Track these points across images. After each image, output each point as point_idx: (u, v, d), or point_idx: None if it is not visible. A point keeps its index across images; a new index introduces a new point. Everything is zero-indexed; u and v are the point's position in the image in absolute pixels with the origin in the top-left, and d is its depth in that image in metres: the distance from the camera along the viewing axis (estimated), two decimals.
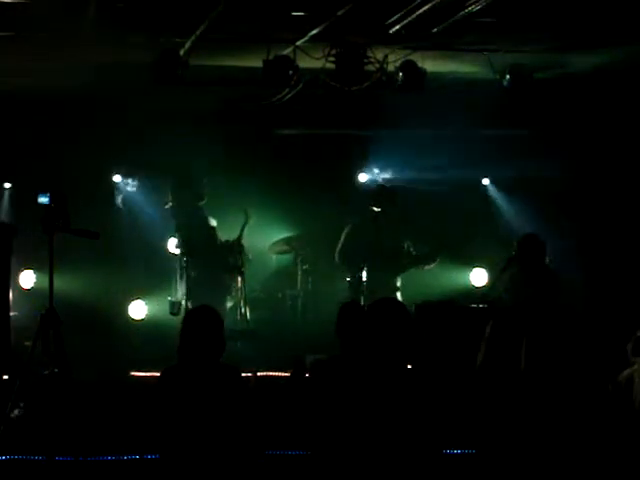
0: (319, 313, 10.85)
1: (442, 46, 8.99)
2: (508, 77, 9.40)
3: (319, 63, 8.96)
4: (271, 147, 11.27)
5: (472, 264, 11.41)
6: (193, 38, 8.59)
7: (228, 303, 10.62)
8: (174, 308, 10.10)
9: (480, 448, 6.67)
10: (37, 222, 6.77)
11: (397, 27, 8.30)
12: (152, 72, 8.97)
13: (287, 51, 8.96)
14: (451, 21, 8.07)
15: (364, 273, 9.94)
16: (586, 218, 11.33)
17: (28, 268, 10.37)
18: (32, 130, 10.69)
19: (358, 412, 5.26)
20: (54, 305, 6.75)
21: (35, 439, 7.43)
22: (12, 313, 8.69)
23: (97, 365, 9.31)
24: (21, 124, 10.68)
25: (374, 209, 10.29)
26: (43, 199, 6.72)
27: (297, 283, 11.37)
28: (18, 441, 7.35)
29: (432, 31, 8.34)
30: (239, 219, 10.42)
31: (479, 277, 11.28)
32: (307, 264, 11.35)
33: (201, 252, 9.99)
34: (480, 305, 8.96)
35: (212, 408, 5.74)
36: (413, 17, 7.99)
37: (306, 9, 7.99)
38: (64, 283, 8.54)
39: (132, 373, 9.43)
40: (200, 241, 10.15)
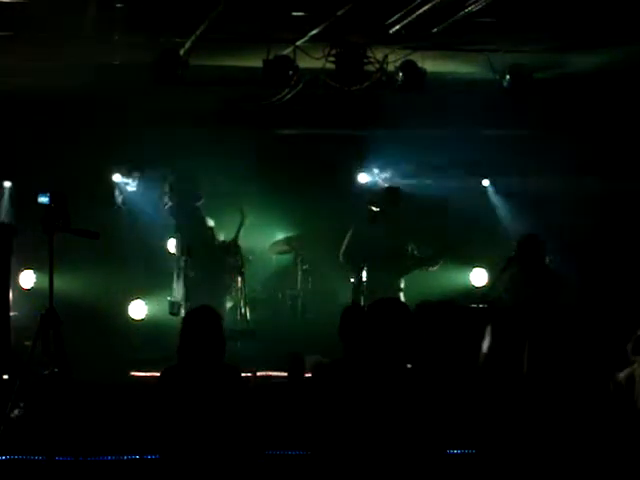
0: (319, 313, 10.86)
1: (442, 46, 9.00)
2: (508, 77, 9.41)
3: (319, 63, 8.96)
4: (271, 147, 11.26)
5: (472, 264, 11.41)
6: (193, 38, 8.59)
7: (228, 303, 10.62)
8: (174, 308, 10.10)
9: (480, 448, 6.66)
10: (37, 222, 6.76)
11: (397, 27, 8.31)
12: (152, 72, 8.98)
13: (287, 51, 8.97)
14: (451, 21, 8.07)
15: (368, 274, 9.91)
16: (586, 218, 11.32)
17: (28, 268, 10.36)
18: (32, 130, 10.68)
19: (360, 413, 5.26)
20: (54, 305, 6.75)
21: (35, 439, 7.43)
22: (12, 313, 8.68)
23: (97, 365, 9.32)
24: (21, 124, 10.67)
25: (373, 209, 10.28)
26: (43, 199, 6.72)
27: (297, 283, 11.37)
28: (18, 441, 7.36)
29: (432, 31, 8.35)
30: (236, 219, 10.41)
31: (479, 277, 11.28)
32: (307, 264, 11.35)
33: (200, 252, 9.99)
34: (480, 305, 8.96)
35: (212, 408, 5.75)
36: (413, 17, 8.00)
37: (306, 9, 8.00)
38: (64, 283, 8.54)
39: (132, 373, 9.44)
40: (199, 241, 10.14)
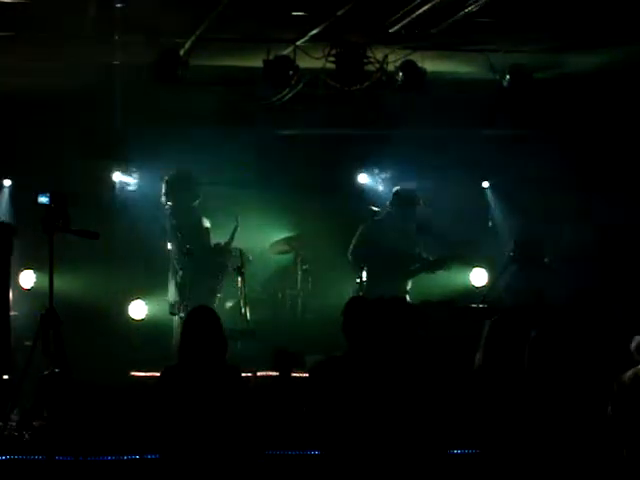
0: (319, 313, 10.84)
1: (442, 46, 8.99)
2: (508, 77, 9.40)
3: (319, 63, 8.96)
4: (271, 147, 11.25)
5: (472, 264, 11.39)
6: (193, 38, 8.59)
7: (228, 303, 10.61)
8: (174, 308, 10.09)
9: (482, 448, 6.65)
10: (37, 222, 6.77)
11: (397, 27, 8.31)
12: (152, 72, 8.98)
13: (287, 51, 8.96)
14: (451, 21, 8.07)
15: (374, 274, 9.86)
16: (587, 218, 11.32)
17: (28, 268, 10.35)
18: (32, 130, 10.68)
19: (363, 411, 5.26)
20: (54, 305, 6.75)
21: (35, 439, 7.43)
22: (12, 313, 8.67)
23: (97, 365, 9.32)
24: (21, 124, 10.67)
25: (374, 209, 10.27)
26: (43, 199, 6.73)
27: (297, 283, 11.35)
28: (18, 441, 7.36)
29: (432, 31, 8.35)
30: (232, 221, 10.39)
31: (479, 277, 11.26)
32: (307, 264, 11.34)
33: (196, 252, 9.97)
34: (480, 305, 8.96)
35: (212, 408, 5.75)
36: (413, 17, 8.00)
37: (306, 9, 8.00)
38: (64, 283, 8.53)
39: (132, 373, 9.43)
40: (196, 241, 10.12)
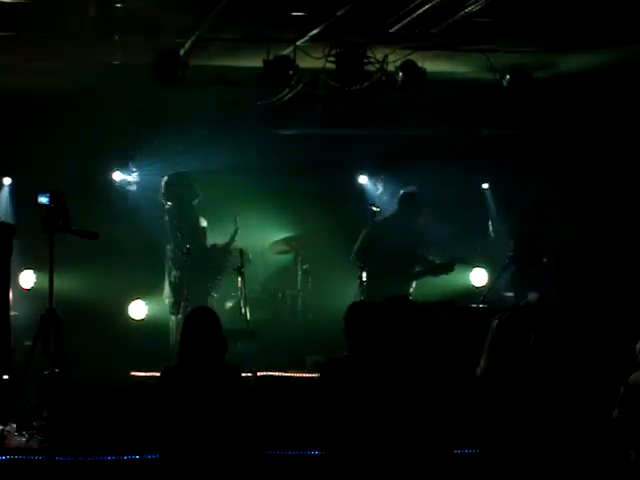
0: (319, 313, 10.86)
1: (442, 46, 8.99)
2: (508, 77, 9.40)
3: (319, 63, 8.95)
4: (271, 147, 11.26)
5: (472, 264, 11.39)
6: (193, 38, 8.59)
7: (228, 303, 10.61)
8: (174, 308, 10.09)
9: (485, 448, 6.64)
10: (37, 222, 6.76)
11: (397, 27, 8.31)
12: (152, 72, 8.98)
13: (287, 51, 8.96)
14: (451, 21, 8.07)
15: (377, 275, 9.84)
16: (587, 218, 11.32)
17: (28, 268, 10.36)
18: (32, 130, 10.69)
19: (369, 412, 5.26)
20: (54, 305, 6.75)
21: (35, 439, 7.43)
22: (12, 313, 8.68)
23: (97, 365, 9.33)
24: (21, 123, 10.68)
25: (374, 209, 10.28)
26: (43, 199, 6.72)
27: (297, 283, 11.36)
28: (18, 441, 7.36)
29: (432, 31, 8.35)
30: (231, 221, 10.39)
31: (479, 277, 11.27)
32: (307, 264, 11.34)
33: (194, 252, 9.97)
34: (480, 305, 8.97)
35: (212, 408, 5.75)
36: (413, 17, 8.00)
37: (306, 9, 7.99)
38: (64, 283, 8.51)
39: (132, 373, 9.44)
40: (194, 241, 10.12)
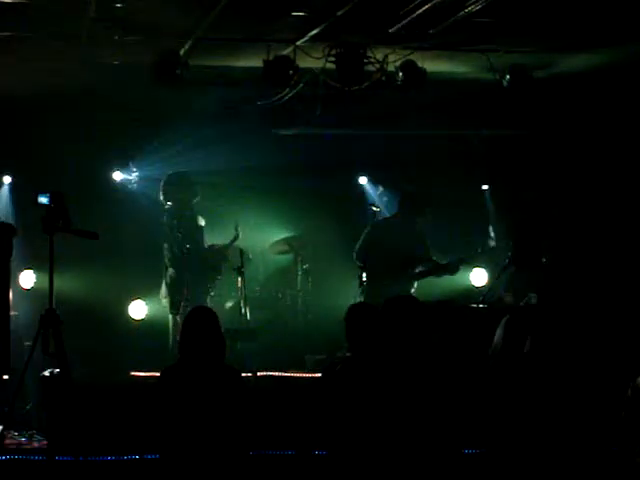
0: (319, 313, 10.86)
1: (442, 46, 8.99)
2: (508, 77, 9.40)
3: (319, 63, 8.96)
4: (271, 147, 11.26)
5: (472, 264, 11.39)
6: (193, 38, 8.59)
7: (228, 303, 10.61)
8: (172, 308, 10.09)
9: (490, 448, 6.63)
10: (37, 222, 6.76)
11: (397, 27, 8.31)
12: (152, 72, 8.98)
13: (287, 51, 8.96)
14: (451, 21, 8.08)
15: (378, 275, 9.81)
16: (587, 218, 11.32)
17: (28, 268, 10.36)
18: (32, 129, 10.69)
19: (373, 412, 5.26)
20: (54, 305, 6.75)
21: (35, 439, 7.44)
22: (12, 313, 8.67)
23: (97, 365, 9.33)
24: (21, 123, 10.68)
25: (374, 209, 10.27)
26: (43, 199, 6.72)
27: (297, 283, 11.36)
28: (18, 441, 7.36)
29: (432, 31, 8.35)
30: (231, 222, 10.39)
31: (479, 277, 11.27)
32: (307, 264, 11.35)
33: (192, 252, 9.97)
34: (480, 305, 8.96)
35: (211, 408, 5.75)
36: (413, 17, 8.00)
37: (306, 9, 7.99)
38: (64, 283, 8.52)
39: (132, 373, 9.44)
40: (193, 241, 10.12)
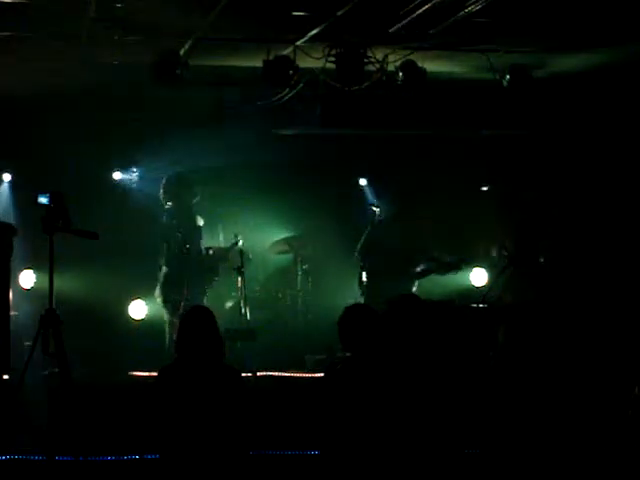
0: (319, 313, 10.85)
1: (442, 46, 8.99)
2: (508, 77, 9.41)
3: (319, 63, 8.96)
4: (271, 147, 11.26)
5: (472, 264, 11.39)
6: (193, 38, 8.60)
7: (228, 303, 10.61)
8: (166, 307, 10.09)
9: (488, 447, 6.64)
10: (37, 222, 6.76)
11: (397, 27, 8.31)
12: (152, 72, 8.98)
13: (287, 51, 8.97)
14: (451, 21, 8.08)
15: (379, 275, 9.80)
16: (587, 218, 11.31)
17: (28, 268, 10.36)
18: (32, 129, 10.69)
19: (374, 412, 5.26)
20: (54, 305, 6.75)
21: (35, 439, 7.43)
22: (12, 313, 8.68)
23: (97, 365, 9.33)
24: (21, 123, 10.68)
25: (374, 209, 10.27)
26: (43, 199, 6.72)
27: (297, 283, 11.36)
28: (18, 441, 7.36)
29: (431, 31, 8.35)
30: (231, 223, 10.39)
31: (479, 277, 11.27)
32: (307, 264, 11.35)
33: (191, 252, 9.97)
34: (480, 305, 8.96)
35: (211, 408, 5.75)
36: (413, 17, 8.00)
37: (306, 9, 8.00)
38: (64, 283, 8.52)
39: (132, 373, 9.44)
40: (193, 241, 10.12)
